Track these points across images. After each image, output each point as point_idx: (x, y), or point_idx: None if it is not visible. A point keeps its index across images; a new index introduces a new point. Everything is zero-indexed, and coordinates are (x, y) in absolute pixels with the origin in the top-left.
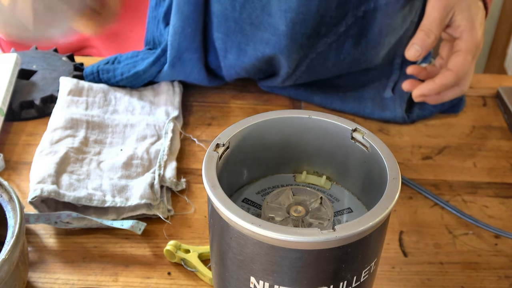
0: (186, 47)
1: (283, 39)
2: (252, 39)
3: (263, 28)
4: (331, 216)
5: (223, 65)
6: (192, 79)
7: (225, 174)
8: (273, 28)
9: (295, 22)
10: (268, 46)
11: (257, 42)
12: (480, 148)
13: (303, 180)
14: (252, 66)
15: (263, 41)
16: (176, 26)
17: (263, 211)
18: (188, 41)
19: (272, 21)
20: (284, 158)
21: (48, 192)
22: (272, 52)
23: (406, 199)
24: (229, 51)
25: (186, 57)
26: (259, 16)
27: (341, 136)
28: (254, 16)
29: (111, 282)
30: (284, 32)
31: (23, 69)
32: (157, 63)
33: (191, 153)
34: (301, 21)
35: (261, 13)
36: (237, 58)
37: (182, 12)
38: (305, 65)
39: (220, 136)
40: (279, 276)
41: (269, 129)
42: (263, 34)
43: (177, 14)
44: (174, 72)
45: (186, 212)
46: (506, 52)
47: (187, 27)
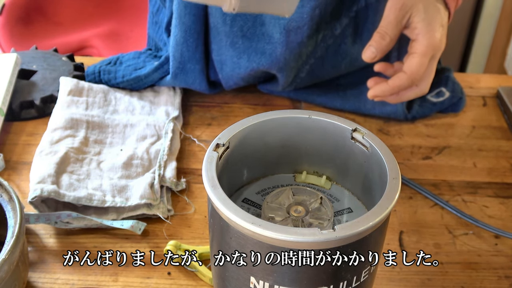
0: (189, 58)
1: (279, 47)
2: (245, 51)
3: (256, 39)
4: (331, 216)
5: (221, 76)
6: (193, 88)
7: (225, 174)
8: (267, 37)
9: (289, 30)
10: (263, 56)
11: (251, 54)
12: (480, 148)
13: (303, 180)
14: (249, 76)
15: (258, 51)
16: (178, 37)
17: (263, 211)
18: (190, 52)
19: (265, 30)
20: (284, 158)
21: (48, 192)
22: (268, 61)
23: (406, 199)
24: (224, 63)
25: (188, 67)
26: (251, 28)
27: (341, 136)
28: (246, 28)
29: (111, 282)
30: (279, 40)
31: (23, 69)
32: (160, 69)
33: (191, 153)
34: (295, 28)
35: (253, 24)
36: (233, 70)
37: (184, 23)
38: (305, 72)
39: (220, 136)
40: (279, 276)
41: (269, 129)
42: (257, 45)
43: (178, 25)
44: (176, 81)
45: (186, 212)
46: (506, 52)
47: (189, 38)
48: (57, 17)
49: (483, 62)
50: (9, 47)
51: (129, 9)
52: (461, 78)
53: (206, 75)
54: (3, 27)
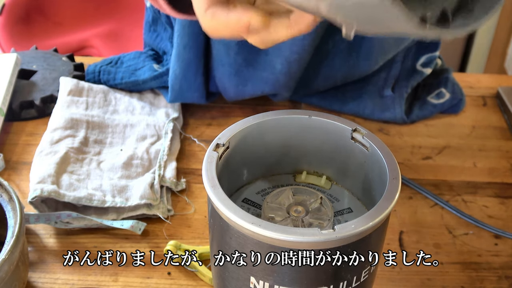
0: (187, 88)
1: (281, 77)
2: (250, 79)
3: (261, 68)
4: (331, 216)
5: (225, 96)
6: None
7: (225, 174)
8: (270, 67)
9: (290, 61)
10: (267, 85)
11: (256, 81)
12: (480, 148)
13: (303, 180)
14: (252, 97)
15: (262, 80)
16: (177, 72)
17: (263, 211)
18: (189, 83)
19: (269, 60)
20: (284, 158)
21: (48, 192)
22: (271, 88)
23: (406, 199)
24: (227, 89)
25: (187, 95)
26: (256, 57)
27: (341, 136)
28: (250, 57)
29: (111, 282)
30: (280, 70)
31: (23, 69)
32: (159, 79)
33: (191, 153)
34: (296, 60)
35: (257, 53)
36: (237, 94)
37: (183, 59)
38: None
39: (220, 136)
40: (279, 276)
41: (269, 129)
42: (262, 74)
43: (178, 61)
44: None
45: (186, 212)
46: (506, 52)
47: (188, 72)
48: (57, 17)
49: (483, 62)
50: (9, 47)
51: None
52: (461, 78)
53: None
54: (3, 27)
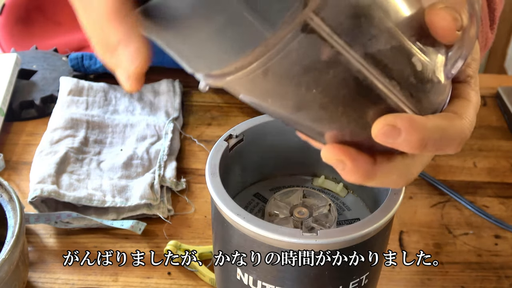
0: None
1: None
2: None
3: None
4: (334, 223)
5: None
6: None
7: (238, 166)
8: None
9: None
10: None
11: None
12: (480, 148)
13: (320, 184)
14: None
15: None
16: None
17: (267, 206)
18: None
19: None
20: (304, 159)
21: (48, 192)
22: None
23: (406, 199)
24: None
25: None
26: None
27: None
28: None
29: (111, 282)
30: None
31: (23, 69)
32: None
33: (191, 153)
34: None
35: None
36: None
37: None
38: None
39: (235, 128)
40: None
41: (291, 128)
42: None
43: None
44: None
45: (186, 212)
46: (506, 52)
47: None
48: (57, 17)
49: (483, 62)
50: (9, 47)
51: None
52: None
53: None
54: (3, 27)
